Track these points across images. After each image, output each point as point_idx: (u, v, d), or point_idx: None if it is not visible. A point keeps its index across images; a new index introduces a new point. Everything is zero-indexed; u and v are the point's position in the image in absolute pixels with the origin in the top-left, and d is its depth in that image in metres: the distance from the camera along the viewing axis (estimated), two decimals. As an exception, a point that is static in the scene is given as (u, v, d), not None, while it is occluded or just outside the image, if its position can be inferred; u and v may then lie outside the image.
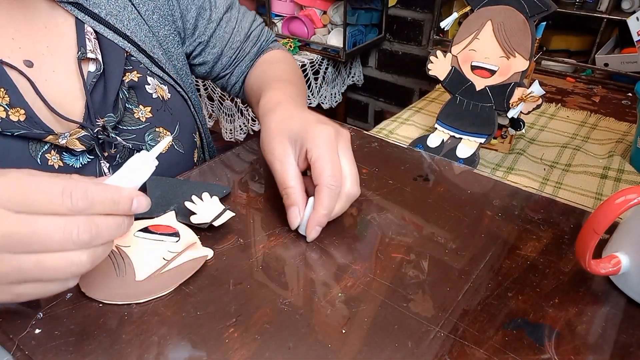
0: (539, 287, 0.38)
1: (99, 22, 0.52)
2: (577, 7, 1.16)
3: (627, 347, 0.34)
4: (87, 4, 0.51)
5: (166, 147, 0.41)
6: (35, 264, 0.29)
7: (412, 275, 0.39)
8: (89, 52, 0.50)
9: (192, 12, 0.62)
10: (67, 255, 0.30)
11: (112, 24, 0.52)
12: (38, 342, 0.33)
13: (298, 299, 0.37)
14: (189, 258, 0.40)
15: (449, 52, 0.72)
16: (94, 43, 0.51)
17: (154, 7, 0.57)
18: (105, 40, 0.52)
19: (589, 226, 0.35)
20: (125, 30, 0.53)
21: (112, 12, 0.53)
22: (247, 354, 0.32)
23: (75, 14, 0.50)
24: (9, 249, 0.29)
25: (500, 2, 0.65)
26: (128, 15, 0.54)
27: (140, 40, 0.55)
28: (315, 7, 1.62)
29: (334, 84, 1.80)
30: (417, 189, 0.51)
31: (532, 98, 0.66)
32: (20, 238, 0.29)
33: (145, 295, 0.36)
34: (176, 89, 0.59)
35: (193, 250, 0.41)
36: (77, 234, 0.29)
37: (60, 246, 0.29)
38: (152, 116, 0.55)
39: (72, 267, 0.30)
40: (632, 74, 1.07)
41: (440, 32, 1.45)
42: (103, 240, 0.31)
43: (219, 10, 0.65)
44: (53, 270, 0.30)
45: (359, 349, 0.33)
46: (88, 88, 0.49)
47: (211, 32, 0.65)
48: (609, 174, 0.73)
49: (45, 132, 0.45)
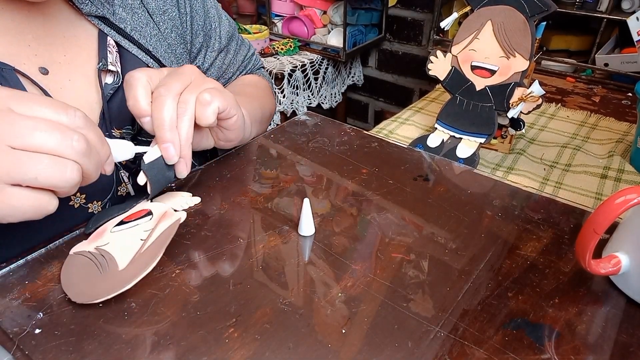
0: (539, 287, 0.38)
1: (124, 37, 0.52)
2: (577, 7, 1.16)
3: (627, 347, 0.34)
4: (114, 19, 0.51)
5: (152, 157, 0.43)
6: (34, 160, 0.31)
7: (412, 275, 0.39)
8: (109, 64, 0.50)
9: (199, 38, 0.63)
10: (64, 161, 0.32)
11: (136, 39, 0.53)
12: (38, 342, 0.33)
13: (298, 299, 0.37)
14: (164, 228, 0.40)
15: (449, 52, 0.72)
16: (115, 56, 0.51)
17: (172, 26, 0.58)
18: (127, 55, 0.53)
19: (589, 226, 0.35)
20: (147, 46, 0.54)
21: (136, 27, 0.53)
22: (247, 354, 0.32)
23: (101, 28, 0.51)
24: (8, 141, 0.30)
25: (500, 2, 0.65)
26: (150, 32, 0.55)
27: (161, 56, 0.56)
28: (315, 7, 1.62)
29: (334, 84, 1.80)
30: (417, 189, 0.51)
31: (532, 98, 0.66)
32: (21, 130, 0.30)
33: (130, 279, 0.36)
34: None
35: (166, 220, 0.41)
36: (76, 140, 0.32)
37: (59, 147, 0.31)
38: None
39: (67, 172, 0.32)
40: (632, 74, 1.07)
41: (440, 32, 1.45)
42: (95, 158, 0.33)
43: (222, 41, 0.66)
44: (50, 170, 0.31)
45: (359, 349, 0.33)
46: (105, 98, 0.50)
47: (211, 61, 0.66)
48: (609, 174, 0.73)
49: None
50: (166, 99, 0.41)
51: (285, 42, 1.66)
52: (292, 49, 1.65)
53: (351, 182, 0.52)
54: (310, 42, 1.67)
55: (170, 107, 0.42)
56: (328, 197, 0.50)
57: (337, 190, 0.51)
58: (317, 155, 0.57)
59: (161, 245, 0.39)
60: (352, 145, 0.59)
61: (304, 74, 1.63)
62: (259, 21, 1.89)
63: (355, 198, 0.49)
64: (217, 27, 0.65)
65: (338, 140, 0.60)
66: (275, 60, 1.61)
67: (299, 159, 0.56)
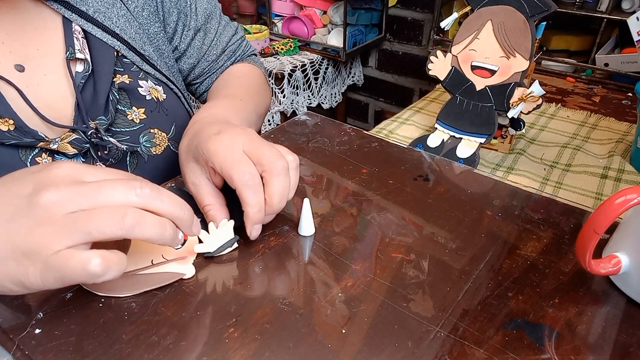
0: (539, 287, 0.38)
1: (87, 20, 0.50)
2: (577, 7, 1.16)
3: (627, 347, 0.34)
4: (74, 1, 0.49)
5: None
6: (87, 216, 0.30)
7: (412, 275, 0.39)
8: (77, 52, 0.48)
9: (173, 16, 0.60)
10: (118, 216, 0.31)
11: (101, 22, 0.51)
12: (38, 342, 0.33)
13: (298, 299, 0.37)
14: (170, 269, 0.38)
15: (449, 52, 0.72)
16: (82, 42, 0.49)
17: (143, 3, 0.56)
18: (93, 39, 0.50)
19: (589, 226, 0.35)
20: (114, 28, 0.52)
21: (100, 9, 0.51)
22: (247, 354, 0.32)
23: (62, 12, 0.49)
24: (72, 205, 0.30)
25: (500, 2, 0.65)
26: (117, 12, 0.52)
27: (130, 37, 0.53)
28: (315, 7, 1.62)
29: (334, 84, 1.80)
30: (417, 189, 0.51)
31: (532, 98, 0.66)
32: (85, 190, 0.31)
33: (107, 291, 0.36)
34: (170, 88, 0.58)
35: (179, 264, 0.39)
36: (126, 216, 0.31)
37: (112, 207, 0.31)
38: (147, 117, 0.54)
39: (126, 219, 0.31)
40: (632, 74, 1.07)
41: (440, 32, 1.45)
42: (140, 232, 0.31)
43: (199, 19, 0.63)
44: (101, 225, 0.30)
45: (359, 349, 0.33)
46: (78, 88, 0.48)
47: (188, 40, 0.63)
48: (609, 174, 0.73)
49: (36, 140, 0.45)
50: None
51: (285, 42, 1.66)
52: (292, 49, 1.65)
53: (351, 182, 0.52)
54: (310, 42, 1.67)
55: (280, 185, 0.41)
56: (328, 197, 0.50)
57: (337, 190, 0.51)
58: (317, 155, 0.57)
59: (152, 283, 0.37)
60: (352, 145, 0.59)
61: (304, 74, 1.63)
62: (259, 21, 1.89)
63: (355, 198, 0.49)
64: (193, 3, 0.62)
65: (338, 140, 0.60)
66: (275, 60, 1.61)
67: (299, 159, 0.56)
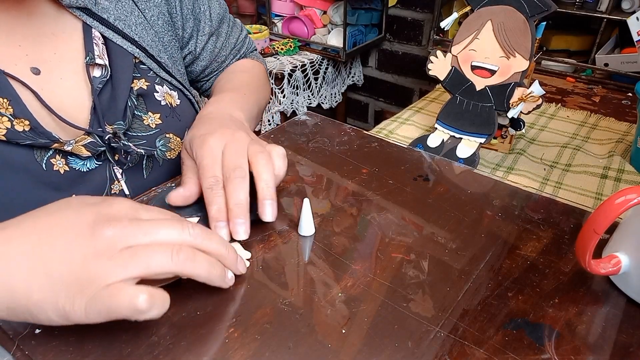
0: (539, 287, 0.38)
1: (108, 27, 0.51)
2: (577, 7, 1.16)
3: (627, 347, 0.34)
4: (96, 9, 0.50)
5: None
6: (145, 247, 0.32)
7: (412, 275, 0.39)
8: (96, 57, 0.49)
9: (189, 22, 0.62)
10: (168, 253, 0.32)
11: (121, 29, 0.52)
12: (38, 342, 0.33)
13: (298, 299, 0.37)
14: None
15: (449, 52, 0.72)
16: (101, 48, 0.50)
17: (158, 12, 0.57)
18: (113, 46, 0.52)
19: (589, 226, 0.35)
20: (133, 36, 0.53)
21: (120, 17, 0.52)
22: (247, 354, 0.32)
23: (84, 19, 0.50)
24: (132, 239, 0.31)
25: (500, 2, 0.65)
26: (135, 20, 0.54)
27: (148, 45, 0.55)
28: (315, 7, 1.62)
29: (334, 84, 1.80)
30: (417, 189, 0.51)
31: (532, 98, 0.66)
32: (145, 227, 0.32)
33: None
34: (185, 94, 0.60)
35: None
36: (180, 252, 0.32)
37: (167, 243, 0.32)
38: (162, 122, 0.56)
39: (165, 259, 0.32)
40: (632, 74, 1.07)
41: (440, 32, 1.45)
42: (192, 269, 0.33)
43: (213, 24, 0.65)
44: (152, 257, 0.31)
45: (359, 349, 0.33)
46: (95, 92, 0.49)
47: (202, 45, 0.65)
48: (609, 174, 0.73)
49: (51, 141, 0.45)
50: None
51: (285, 42, 1.66)
52: (292, 49, 1.65)
53: (351, 182, 0.52)
54: (310, 42, 1.67)
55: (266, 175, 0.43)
56: (328, 197, 0.50)
57: (337, 190, 0.51)
58: (317, 155, 0.57)
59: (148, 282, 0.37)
60: (352, 145, 0.59)
61: (304, 74, 1.63)
62: (259, 21, 1.89)
63: (355, 198, 0.49)
64: (207, 9, 0.64)
65: (338, 140, 0.60)
66: (275, 60, 1.61)
67: (299, 159, 0.56)
